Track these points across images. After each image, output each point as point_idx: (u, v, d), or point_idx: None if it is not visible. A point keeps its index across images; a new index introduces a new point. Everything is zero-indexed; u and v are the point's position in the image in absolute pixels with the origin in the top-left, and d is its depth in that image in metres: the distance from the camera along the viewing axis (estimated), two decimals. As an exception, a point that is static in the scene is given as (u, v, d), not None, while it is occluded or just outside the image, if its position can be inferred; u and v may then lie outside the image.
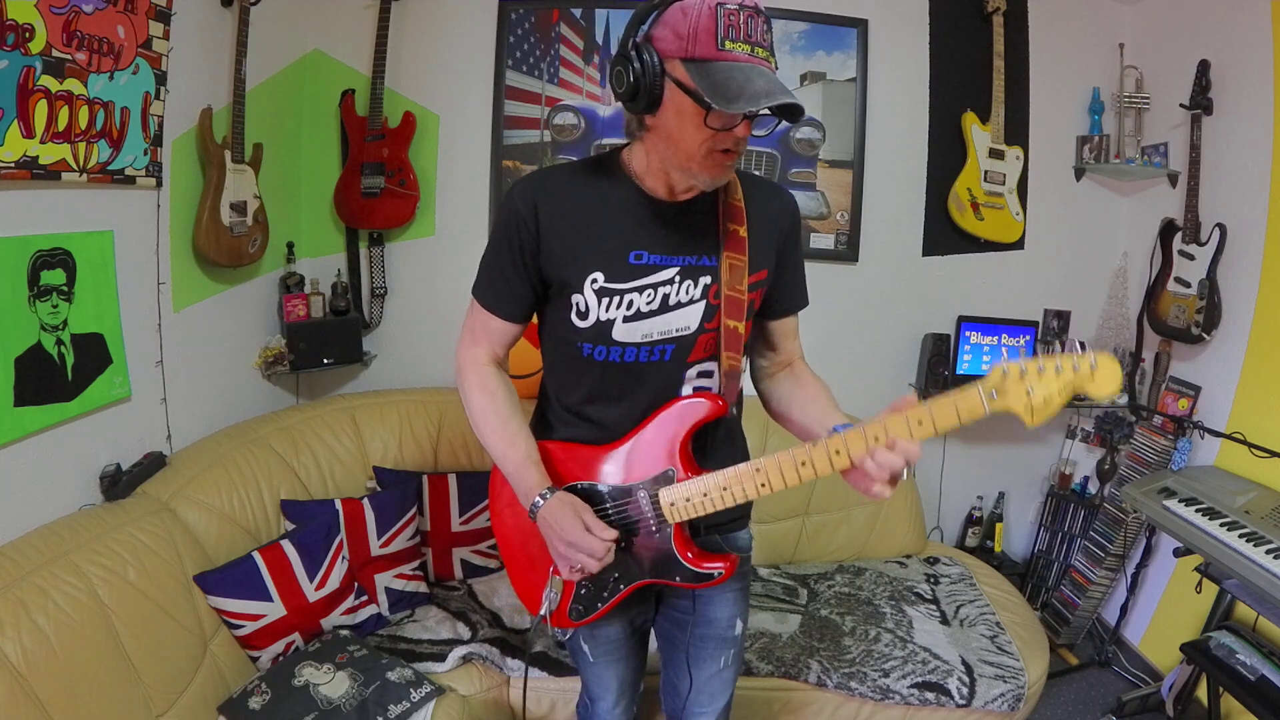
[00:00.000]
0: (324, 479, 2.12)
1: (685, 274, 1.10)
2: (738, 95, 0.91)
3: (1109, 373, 0.93)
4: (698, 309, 1.11)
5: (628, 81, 0.98)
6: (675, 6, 0.95)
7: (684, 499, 1.10)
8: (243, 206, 2.02)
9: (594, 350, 1.12)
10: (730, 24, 0.92)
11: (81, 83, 1.47)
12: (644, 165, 1.09)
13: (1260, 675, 1.82)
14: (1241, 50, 2.25)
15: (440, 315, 2.59)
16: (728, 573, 1.14)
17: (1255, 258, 2.21)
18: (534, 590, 1.23)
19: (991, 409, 0.96)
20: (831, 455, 1.02)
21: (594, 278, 1.09)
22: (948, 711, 1.84)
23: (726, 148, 0.99)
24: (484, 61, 2.52)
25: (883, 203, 2.68)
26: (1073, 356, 0.94)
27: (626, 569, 1.17)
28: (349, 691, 1.63)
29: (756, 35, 0.94)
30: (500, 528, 1.30)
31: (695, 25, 0.93)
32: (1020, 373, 0.95)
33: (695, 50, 0.93)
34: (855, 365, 2.72)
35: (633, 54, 0.97)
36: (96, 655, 1.34)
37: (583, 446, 1.18)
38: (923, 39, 2.64)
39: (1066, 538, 2.78)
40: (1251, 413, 2.20)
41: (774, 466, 1.05)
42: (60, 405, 1.52)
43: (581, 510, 1.10)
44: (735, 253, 1.11)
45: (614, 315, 1.10)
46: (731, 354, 1.13)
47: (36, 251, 1.44)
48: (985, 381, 0.97)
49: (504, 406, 1.17)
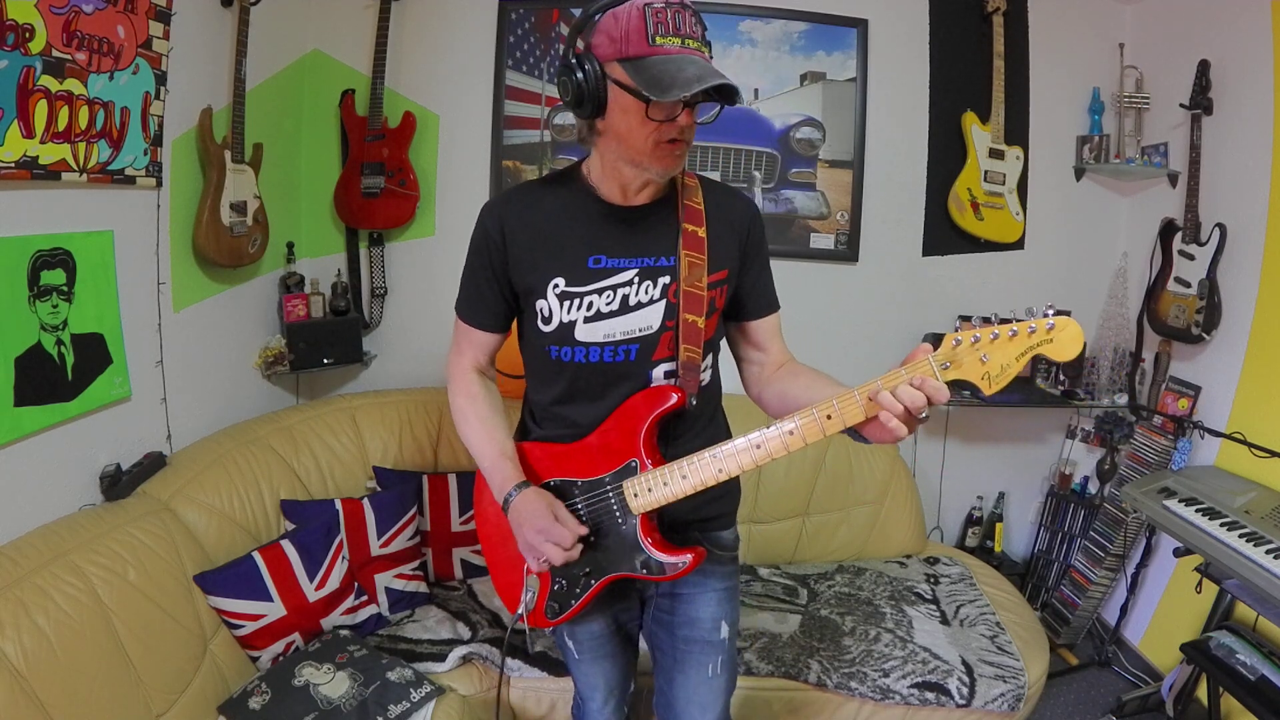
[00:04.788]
0: (324, 479, 2.12)
1: (644, 275, 1.15)
2: (671, 84, 0.96)
3: (1070, 333, 0.91)
4: (658, 308, 1.15)
5: (573, 90, 1.04)
6: (608, 14, 1.01)
7: (646, 489, 1.13)
8: (243, 206, 2.02)
9: (560, 352, 1.17)
10: (658, 21, 0.98)
11: (81, 83, 1.47)
12: (599, 170, 1.15)
13: (1260, 675, 1.82)
14: (1241, 50, 2.25)
15: (440, 315, 2.57)
16: (693, 563, 1.15)
17: (1255, 258, 2.21)
18: (514, 590, 1.27)
19: (946, 378, 0.95)
20: (823, 421, 1.01)
21: (555, 282, 1.14)
22: (948, 711, 1.84)
23: (673, 137, 1.04)
24: (484, 61, 2.52)
25: (883, 203, 2.68)
26: (1029, 320, 0.92)
27: (596, 563, 1.20)
28: (349, 691, 1.63)
29: (685, 28, 1.00)
30: (483, 527, 1.34)
31: (626, 27, 0.99)
32: (973, 340, 0.94)
33: (629, 50, 0.99)
34: (855, 365, 2.70)
35: (574, 63, 1.03)
36: (96, 655, 1.34)
37: (556, 445, 1.23)
38: (923, 39, 2.64)
39: (1066, 538, 2.78)
40: (1251, 413, 2.20)
41: (729, 451, 1.08)
42: (60, 405, 1.52)
43: (552, 503, 1.14)
44: (694, 251, 1.15)
45: (575, 317, 1.15)
46: (690, 346, 1.16)
47: (36, 251, 1.44)
48: (937, 353, 0.95)
49: (483, 408, 1.25)
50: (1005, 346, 0.93)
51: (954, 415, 2.82)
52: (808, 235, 2.66)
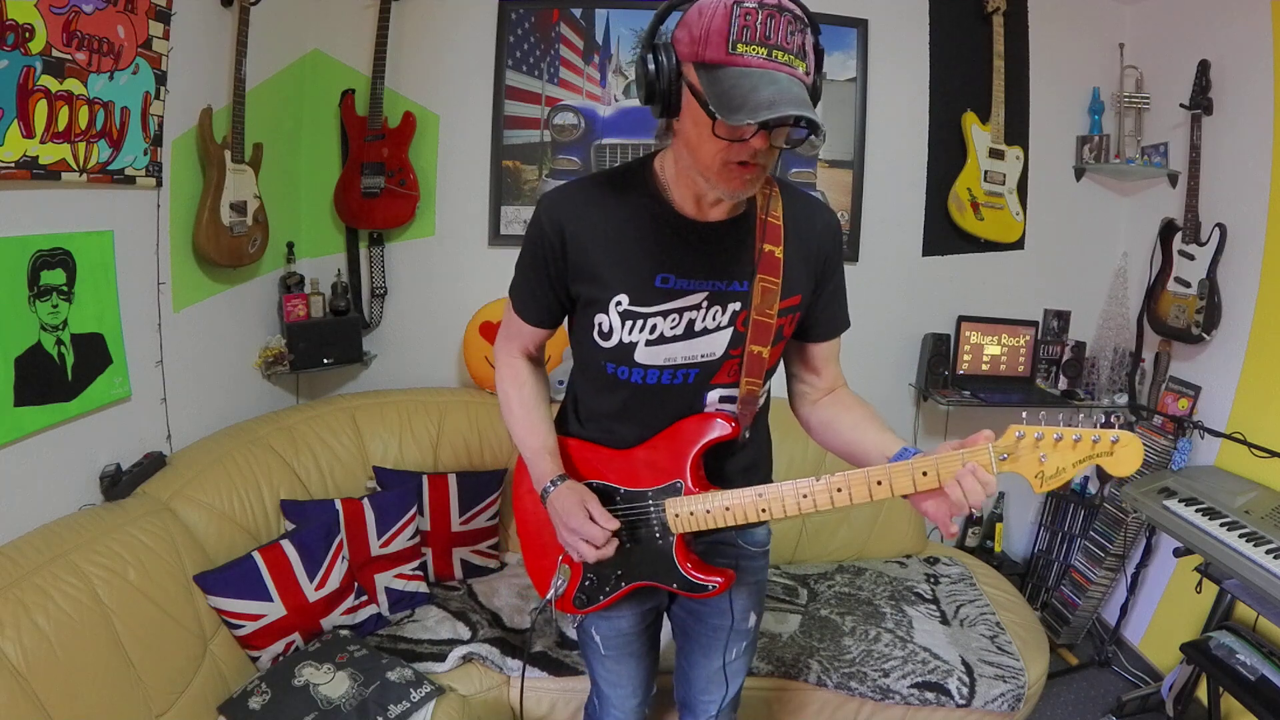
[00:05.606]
0: (324, 479, 2.12)
1: (714, 300, 1.07)
2: (740, 106, 0.84)
3: (1131, 452, 0.90)
4: (724, 335, 1.09)
5: (645, 83, 0.94)
6: (695, 5, 0.91)
7: (688, 512, 1.12)
8: (243, 206, 2.02)
9: (617, 370, 1.12)
10: (745, 25, 0.86)
11: (81, 83, 1.47)
12: (673, 174, 1.05)
13: (1260, 675, 1.82)
14: (1241, 50, 2.25)
15: (440, 315, 2.59)
16: (722, 587, 1.16)
17: (1255, 258, 2.21)
18: (545, 575, 1.26)
19: (1000, 470, 0.94)
20: (872, 485, 0.99)
21: (619, 299, 1.07)
22: (948, 711, 1.84)
23: (743, 160, 0.93)
24: (484, 61, 2.52)
25: (883, 203, 2.68)
26: (1095, 430, 0.91)
27: (629, 568, 1.20)
28: (349, 691, 1.63)
29: (776, 37, 0.87)
30: (520, 512, 1.33)
31: (708, 26, 0.87)
32: (1036, 438, 0.92)
33: (706, 53, 0.88)
34: (855, 365, 2.66)
35: (649, 55, 0.93)
36: (96, 655, 1.34)
37: (601, 447, 1.21)
38: (923, 39, 2.64)
39: (1066, 538, 2.78)
40: (1251, 413, 2.20)
41: (776, 495, 1.07)
42: (60, 405, 1.52)
43: (588, 499, 1.12)
44: (769, 275, 1.07)
45: (637, 338, 1.08)
46: (752, 379, 1.11)
47: (36, 251, 1.44)
48: (998, 443, 0.94)
49: (530, 397, 1.22)
50: (1066, 452, 0.92)
51: (954, 415, 2.82)
52: (808, 235, 2.66)
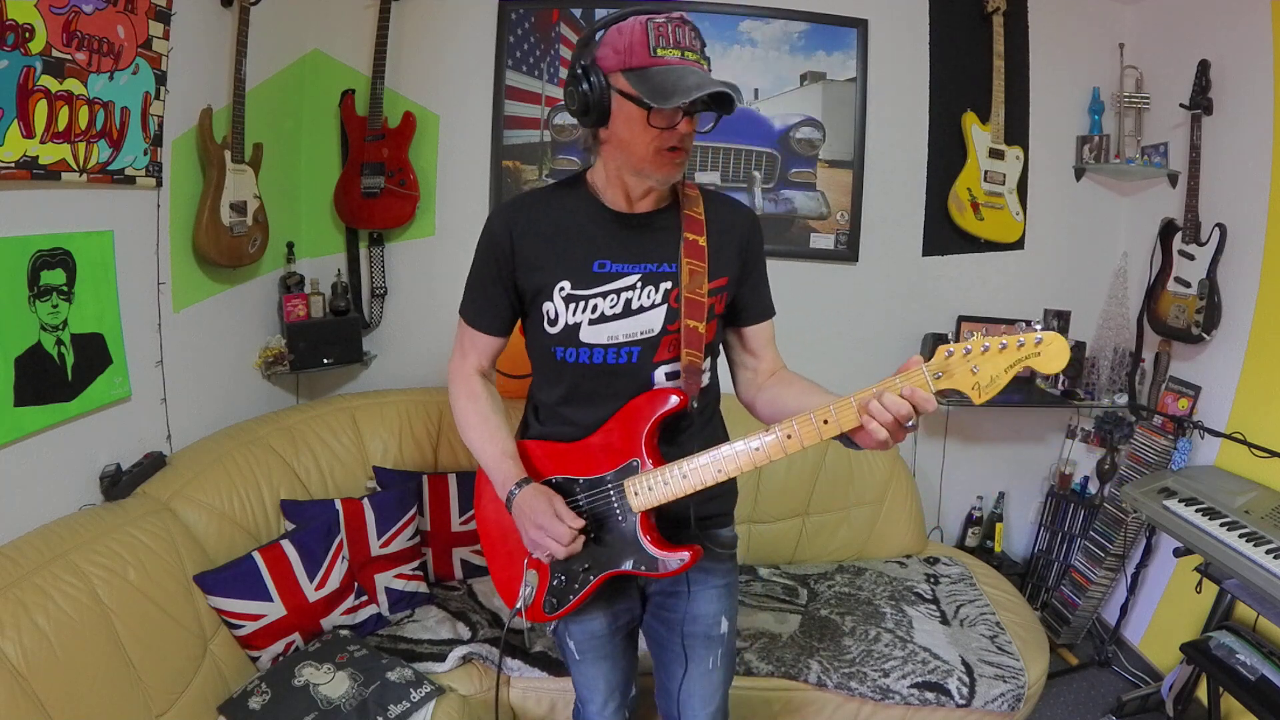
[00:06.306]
0: (324, 479, 2.12)
1: (646, 280, 1.19)
2: (672, 92, 1.02)
3: (1056, 349, 0.96)
4: (659, 312, 1.20)
5: (580, 100, 1.10)
6: (612, 29, 1.08)
7: (646, 487, 1.17)
8: (243, 206, 2.02)
9: (565, 352, 1.21)
10: (660, 34, 1.05)
11: (81, 83, 1.47)
12: (603, 178, 1.20)
13: (1260, 675, 1.82)
14: (1241, 50, 2.25)
15: (440, 315, 2.59)
16: (690, 560, 1.18)
17: (1255, 258, 2.21)
18: (513, 585, 1.29)
19: (938, 388, 1.01)
20: (820, 425, 1.06)
21: (562, 285, 1.19)
22: (948, 711, 1.84)
23: (673, 145, 1.10)
24: (484, 61, 2.52)
25: (883, 203, 2.68)
26: (1018, 334, 0.98)
27: (595, 559, 1.22)
28: (349, 691, 1.63)
29: (685, 41, 1.06)
30: (483, 524, 1.38)
31: (630, 40, 1.05)
32: (964, 352, 0.99)
33: (632, 61, 1.05)
34: (855, 365, 2.71)
35: (581, 75, 1.09)
36: (96, 655, 1.34)
37: (558, 443, 1.26)
38: (923, 39, 2.64)
39: (1066, 538, 2.78)
40: (1251, 413, 2.20)
41: (729, 453, 1.12)
42: (60, 405, 1.52)
43: (552, 498, 1.17)
44: (695, 259, 1.20)
45: (580, 319, 1.19)
46: (691, 350, 1.20)
47: (36, 251, 1.44)
48: (930, 363, 1.01)
49: (485, 408, 1.28)
50: (995, 359, 0.98)
51: (954, 415, 2.82)
52: (807, 235, 2.66)
